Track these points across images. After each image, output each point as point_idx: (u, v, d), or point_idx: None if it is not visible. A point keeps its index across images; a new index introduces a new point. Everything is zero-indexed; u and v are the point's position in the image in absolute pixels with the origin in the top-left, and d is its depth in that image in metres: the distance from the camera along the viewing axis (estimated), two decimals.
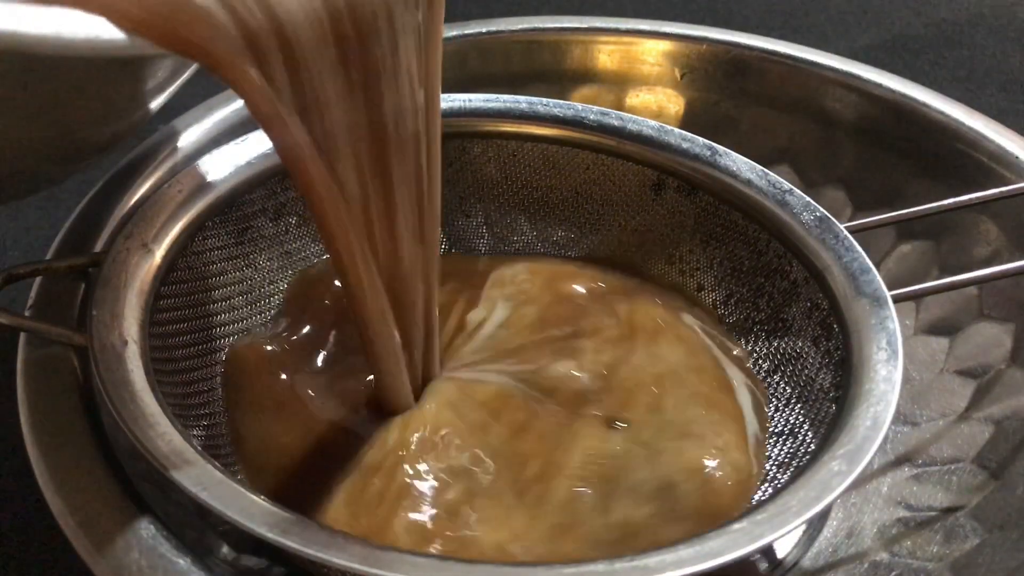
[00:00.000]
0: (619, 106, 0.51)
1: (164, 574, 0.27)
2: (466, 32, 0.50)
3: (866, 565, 0.33)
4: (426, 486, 0.31)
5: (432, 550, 0.30)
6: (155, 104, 0.32)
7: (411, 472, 0.32)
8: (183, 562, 0.28)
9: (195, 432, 0.33)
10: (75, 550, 0.28)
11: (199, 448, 0.28)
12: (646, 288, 0.42)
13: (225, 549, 0.31)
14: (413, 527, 0.30)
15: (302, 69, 0.25)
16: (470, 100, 0.43)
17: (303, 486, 0.33)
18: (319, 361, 0.37)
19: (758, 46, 0.50)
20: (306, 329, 0.39)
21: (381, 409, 0.34)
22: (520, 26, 0.51)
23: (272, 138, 0.26)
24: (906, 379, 0.38)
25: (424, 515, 0.31)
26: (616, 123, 0.42)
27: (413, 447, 0.32)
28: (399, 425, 0.33)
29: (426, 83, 0.28)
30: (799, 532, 0.35)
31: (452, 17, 0.51)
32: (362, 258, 0.29)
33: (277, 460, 0.34)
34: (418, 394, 0.34)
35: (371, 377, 0.35)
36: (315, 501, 0.31)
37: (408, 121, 0.28)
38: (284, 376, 0.36)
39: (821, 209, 0.38)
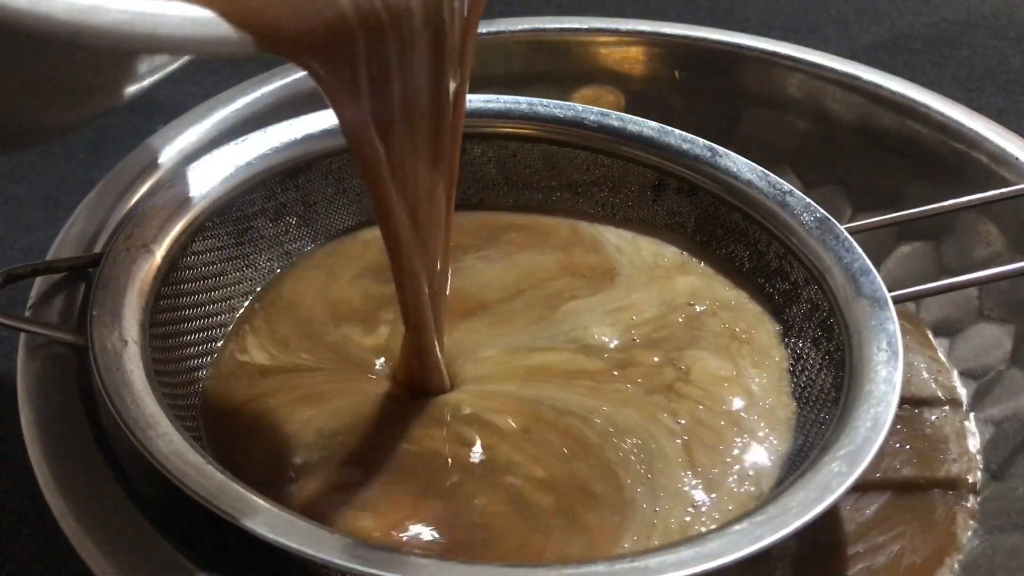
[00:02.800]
0: (619, 107, 0.51)
1: (164, 574, 0.27)
2: None
3: None
4: None
5: None
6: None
7: None
8: (183, 562, 0.28)
9: (195, 433, 0.33)
10: (75, 550, 0.28)
11: (200, 449, 0.28)
12: None
13: (226, 549, 0.31)
14: None
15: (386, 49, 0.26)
16: (470, 101, 0.43)
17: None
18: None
19: (758, 46, 0.50)
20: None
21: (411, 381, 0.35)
22: (520, 26, 0.51)
23: (339, 113, 0.27)
24: None
25: None
26: (616, 124, 0.42)
27: None
28: None
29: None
30: None
31: None
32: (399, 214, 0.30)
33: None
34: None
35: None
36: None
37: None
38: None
39: (821, 210, 0.38)
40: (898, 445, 0.37)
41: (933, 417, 0.38)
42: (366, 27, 0.25)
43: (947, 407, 0.39)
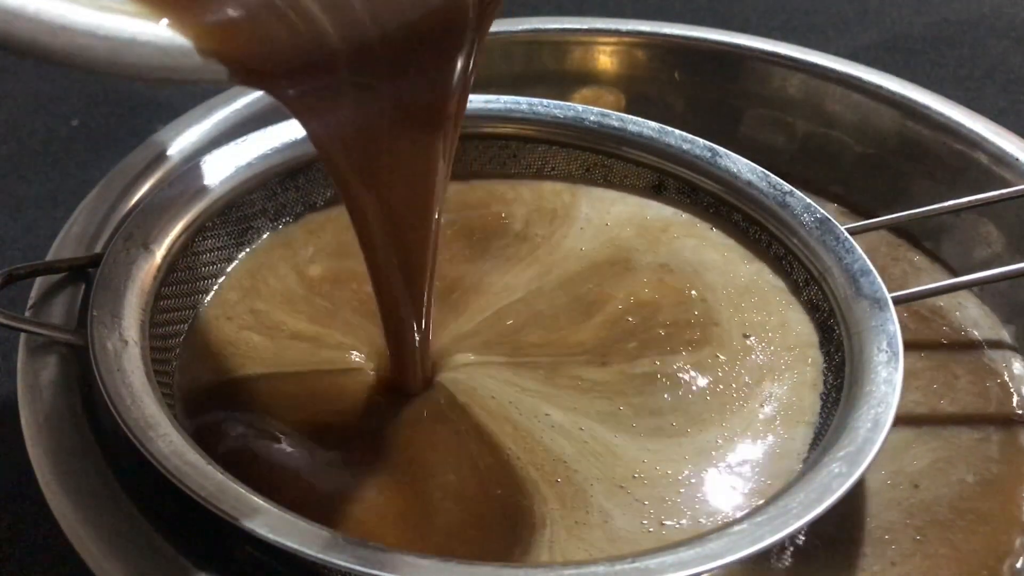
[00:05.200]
0: (619, 107, 0.51)
1: (164, 574, 0.27)
2: None
3: None
4: None
5: None
6: None
7: None
8: (183, 562, 0.28)
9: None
10: (75, 550, 0.28)
11: (199, 448, 0.28)
12: None
13: (225, 549, 0.31)
14: None
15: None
16: (470, 101, 0.43)
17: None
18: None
19: (758, 46, 0.50)
20: None
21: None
22: (521, 27, 0.51)
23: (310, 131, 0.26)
24: None
25: None
26: (617, 124, 0.42)
27: None
28: None
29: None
30: None
31: None
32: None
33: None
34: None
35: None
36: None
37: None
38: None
39: (821, 211, 0.38)
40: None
41: (991, 359, 0.39)
42: (351, 57, 0.24)
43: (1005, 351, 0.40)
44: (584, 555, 0.29)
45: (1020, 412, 0.37)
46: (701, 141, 0.41)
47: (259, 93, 0.45)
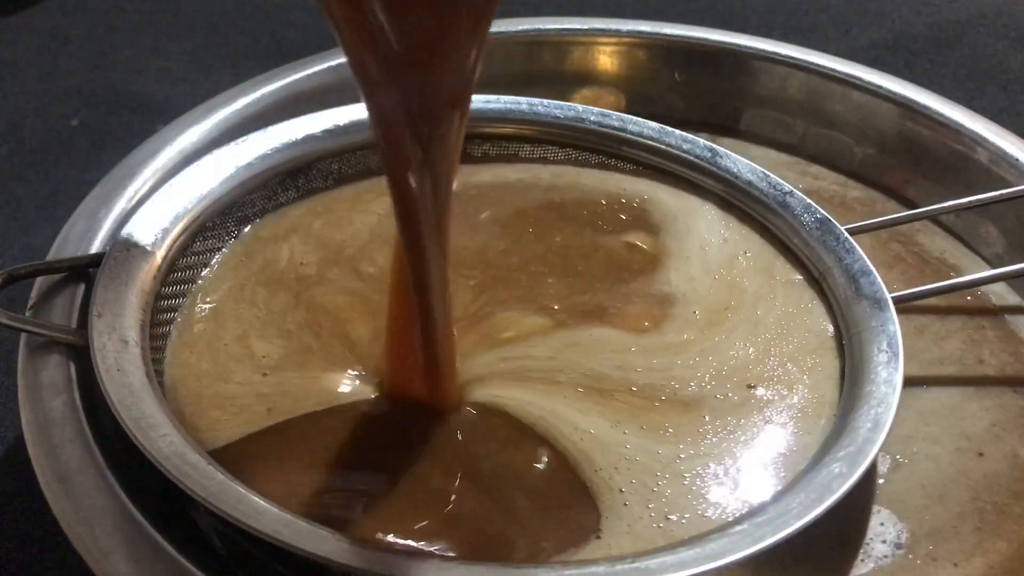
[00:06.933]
0: (619, 107, 0.51)
1: (164, 574, 0.27)
2: None
3: None
4: None
5: None
6: None
7: None
8: (183, 562, 0.27)
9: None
10: (75, 550, 0.28)
11: (200, 449, 0.28)
12: None
13: (225, 549, 0.31)
14: None
15: None
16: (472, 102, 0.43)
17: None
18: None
19: (758, 46, 0.50)
20: None
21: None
22: (521, 27, 0.51)
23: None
24: None
25: None
26: (616, 124, 0.42)
27: None
28: None
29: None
30: None
31: None
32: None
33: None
34: None
35: None
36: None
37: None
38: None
39: (822, 211, 0.38)
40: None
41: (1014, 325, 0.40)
42: None
43: None
44: None
45: None
46: (701, 141, 0.41)
47: (258, 93, 0.46)
